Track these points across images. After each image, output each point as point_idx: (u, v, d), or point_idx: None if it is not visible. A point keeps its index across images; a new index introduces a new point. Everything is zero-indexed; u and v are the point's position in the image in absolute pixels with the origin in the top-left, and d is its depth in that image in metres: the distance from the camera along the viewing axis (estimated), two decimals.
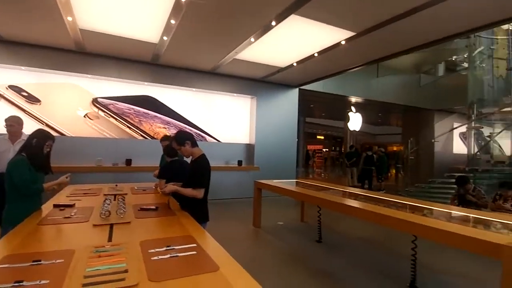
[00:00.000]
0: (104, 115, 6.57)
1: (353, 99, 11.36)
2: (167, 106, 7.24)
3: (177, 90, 7.35)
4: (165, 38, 5.14)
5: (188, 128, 7.45)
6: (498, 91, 7.91)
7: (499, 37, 7.99)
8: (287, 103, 8.60)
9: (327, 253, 3.95)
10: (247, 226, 5.11)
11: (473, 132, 8.18)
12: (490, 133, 7.91)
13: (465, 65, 10.12)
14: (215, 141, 7.82)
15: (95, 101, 6.50)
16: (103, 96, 6.58)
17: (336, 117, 19.13)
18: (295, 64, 6.40)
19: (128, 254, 1.52)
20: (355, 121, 11.37)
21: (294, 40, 5.28)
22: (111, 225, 2.05)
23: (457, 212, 3.11)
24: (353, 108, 11.36)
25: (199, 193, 2.41)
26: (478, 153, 8.06)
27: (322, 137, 30.93)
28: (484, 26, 4.38)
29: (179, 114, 7.39)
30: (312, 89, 9.21)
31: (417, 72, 11.49)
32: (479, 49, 7.95)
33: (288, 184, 5.16)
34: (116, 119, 6.67)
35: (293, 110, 8.70)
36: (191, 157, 2.61)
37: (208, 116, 7.74)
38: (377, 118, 18.52)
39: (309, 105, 14.71)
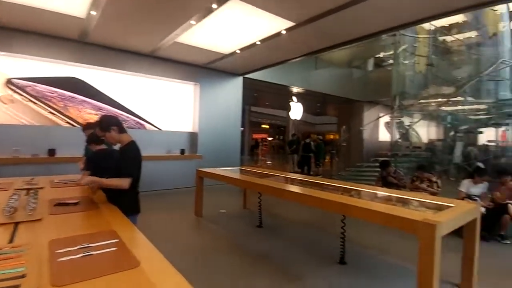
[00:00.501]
0: (20, 99, 5.63)
1: (295, 90, 11.72)
2: (99, 91, 6.51)
3: (111, 73, 6.64)
4: (93, 13, 4.55)
5: (124, 115, 6.84)
6: (418, 85, 8.90)
7: (420, 36, 8.92)
8: (232, 91, 8.46)
9: (266, 237, 4.02)
10: (189, 216, 4.93)
11: (395, 121, 9.10)
12: (410, 122, 8.91)
13: (391, 61, 11.13)
14: (155, 129, 7.33)
15: (9, 83, 5.52)
16: (19, 76, 5.61)
17: (280, 106, 19.58)
18: (238, 52, 6.27)
19: (31, 256, 1.27)
20: (296, 111, 11.77)
21: (236, 27, 5.14)
22: (16, 224, 1.73)
23: (380, 192, 3.38)
24: (294, 98, 11.73)
25: (124, 182, 2.14)
26: (399, 140, 9.01)
27: (267, 126, 31.60)
28: (418, 21, 4.74)
29: (113, 100, 6.71)
30: (256, 78, 9.21)
31: (350, 66, 12.29)
32: (403, 47, 8.79)
33: (231, 172, 5.09)
34: (35, 103, 5.77)
35: (237, 98, 8.61)
36: (119, 145, 2.33)
37: (148, 103, 7.19)
38: (316, 108, 19.50)
39: (253, 94, 14.78)
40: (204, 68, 7.75)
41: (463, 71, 8.05)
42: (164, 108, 7.45)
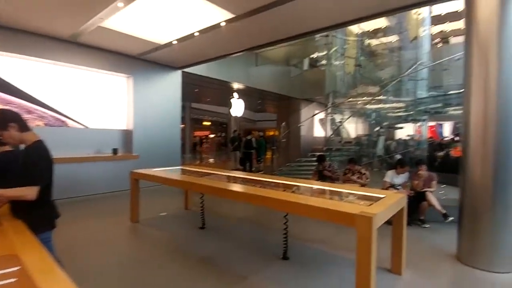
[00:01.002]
0: None
1: (236, 86, 11.63)
2: (6, 81, 5.43)
3: (23, 61, 5.59)
4: None
5: (40, 111, 5.84)
6: (348, 85, 9.62)
7: (350, 38, 9.64)
8: (169, 86, 7.95)
9: (210, 238, 3.84)
10: (123, 222, 4.44)
11: (328, 118, 9.72)
12: (341, 119, 9.60)
13: (324, 62, 11.83)
14: (81, 126, 6.45)
15: None
16: None
17: (221, 103, 19.32)
18: (175, 42, 5.87)
19: None
20: (237, 107, 11.69)
21: (172, 14, 4.76)
22: None
23: (319, 186, 3.47)
24: (235, 95, 11.64)
25: (29, 192, 1.71)
26: (332, 135, 9.64)
27: (209, 123, 31.01)
28: (356, 20, 4.95)
29: (25, 93, 5.68)
30: (196, 73, 8.83)
31: (288, 64, 12.71)
32: (334, 48, 9.39)
33: (170, 172, 4.74)
34: None
35: (176, 94, 8.12)
36: (23, 145, 1.89)
37: (72, 97, 6.28)
38: (257, 105, 19.76)
39: (194, 89, 14.24)
40: (138, 60, 7.10)
41: (386, 72, 8.98)
42: (92, 103, 6.60)
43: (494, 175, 2.97)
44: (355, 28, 9.56)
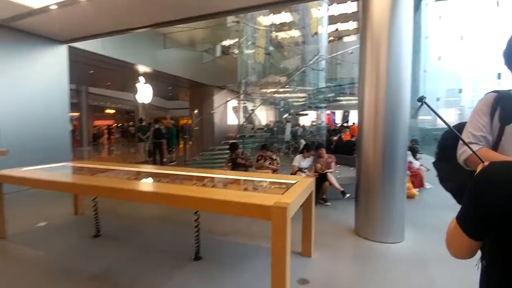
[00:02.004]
0: None
1: (142, 69, 10.36)
2: None
3: None
4: None
5: None
6: (258, 74, 9.69)
7: (259, 27, 9.63)
8: (52, 64, 6.36)
9: (105, 248, 3.17)
10: None
11: (241, 106, 9.66)
12: (253, 106, 9.66)
13: (236, 50, 11.65)
14: None
15: None
16: None
17: (126, 88, 17.11)
18: (54, 7, 4.59)
19: None
20: (144, 93, 10.45)
21: None
22: None
23: (231, 176, 3.23)
24: (141, 79, 10.35)
25: None
26: (245, 123, 9.64)
27: (113, 111, 27.37)
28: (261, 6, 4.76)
29: None
30: (88, 50, 7.37)
31: (199, 50, 12.04)
32: (245, 36, 9.25)
33: (52, 170, 3.72)
34: None
35: (61, 74, 6.57)
36: None
37: None
38: (168, 92, 18.34)
39: (89, 70, 12.07)
40: (4, 27, 5.38)
41: (292, 63, 9.39)
42: None
43: (384, 156, 3.28)
44: (265, 20, 9.63)
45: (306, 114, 9.91)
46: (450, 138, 1.38)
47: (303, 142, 9.10)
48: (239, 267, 2.72)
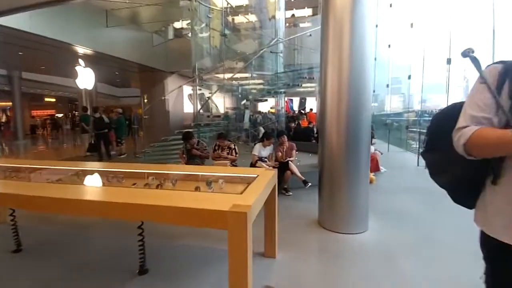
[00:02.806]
0: None
1: (81, 50, 9.02)
2: None
3: None
4: None
5: None
6: (214, 59, 9.01)
7: (215, 8, 8.89)
8: None
9: (27, 266, 2.51)
10: None
11: (197, 92, 8.97)
12: (209, 93, 9.04)
13: (190, 33, 10.75)
14: None
15: None
16: None
17: (66, 73, 15.02)
18: None
19: None
20: (86, 78, 9.15)
21: None
22: None
23: (181, 171, 2.74)
24: (81, 62, 9.02)
25: None
26: (201, 110, 9.01)
27: (54, 100, 24.23)
28: None
29: None
30: (12, 26, 6.09)
31: (149, 31, 10.89)
32: (198, 16, 8.48)
33: None
34: None
35: None
36: None
37: None
38: (116, 78, 16.60)
39: (18, 52, 10.24)
40: None
41: (249, 47, 8.89)
42: None
43: (347, 142, 3.06)
44: (219, 2, 8.93)
45: (265, 100, 9.56)
46: (441, 124, 1.11)
47: (262, 130, 8.81)
48: (193, 276, 2.30)
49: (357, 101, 3.03)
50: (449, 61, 5.95)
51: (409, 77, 8.92)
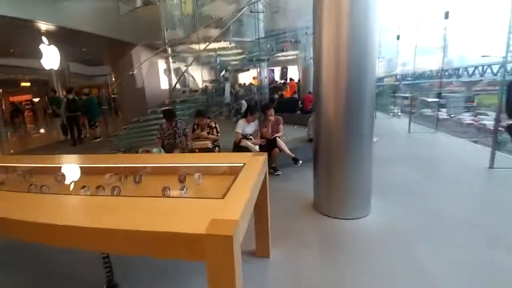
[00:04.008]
0: None
1: (43, 27, 7.76)
2: None
3: None
4: None
5: None
6: (188, 28, 8.00)
7: None
8: None
9: None
10: None
11: (170, 66, 8.07)
12: (184, 66, 8.14)
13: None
14: None
15: None
16: None
17: (34, 54, 13.20)
18: None
19: None
20: (50, 57, 7.96)
21: None
22: None
23: (149, 163, 2.16)
24: (45, 39, 7.79)
25: None
26: (177, 85, 8.16)
27: (29, 84, 21.92)
28: None
29: None
30: None
31: None
32: None
33: None
34: None
35: None
36: None
37: None
38: (85, 55, 14.92)
39: None
40: None
41: (226, 11, 7.89)
42: None
43: (347, 113, 2.56)
44: None
45: (247, 70, 8.76)
46: None
47: (244, 103, 8.15)
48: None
49: (360, 60, 2.47)
50: (446, 15, 5.37)
51: (398, 38, 8.34)
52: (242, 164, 1.77)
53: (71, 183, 1.80)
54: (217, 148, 4.20)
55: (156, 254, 1.03)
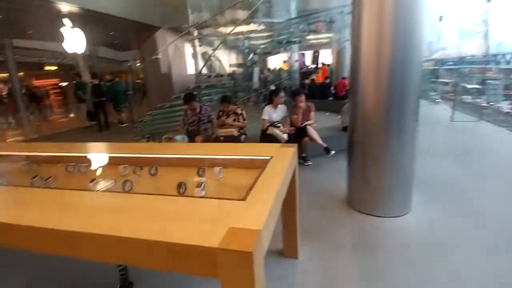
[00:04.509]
0: None
1: (65, 8, 7.96)
2: None
3: None
4: None
5: None
6: (214, 9, 7.77)
7: None
8: None
9: None
10: None
11: (198, 51, 7.97)
12: (211, 50, 8.00)
13: None
14: None
15: None
16: None
17: (54, 36, 13.81)
18: None
19: None
20: (74, 41, 8.20)
21: None
22: None
23: (167, 154, 2.03)
24: (67, 22, 8.01)
25: None
26: (204, 70, 8.06)
27: (55, 68, 23.33)
28: None
29: None
30: None
31: None
32: None
33: None
34: None
35: None
36: None
37: None
38: (113, 40, 15.36)
39: None
40: None
41: None
42: None
43: (390, 99, 2.25)
44: None
45: (277, 53, 8.37)
46: None
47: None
48: None
49: (405, 40, 2.14)
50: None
51: (440, 19, 7.45)
52: (269, 157, 1.57)
53: (83, 173, 1.72)
54: (243, 136, 4.03)
55: (158, 266, 0.89)
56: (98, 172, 1.76)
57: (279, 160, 1.54)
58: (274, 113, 3.98)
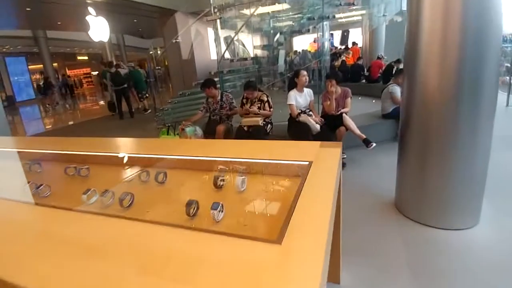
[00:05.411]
0: None
1: None
2: None
3: None
4: None
5: None
6: None
7: None
8: None
9: None
10: None
11: (220, 35, 7.54)
12: (234, 33, 7.54)
13: None
14: None
15: None
16: None
17: (84, 26, 13.95)
18: None
19: None
20: (98, 29, 8.14)
21: None
22: None
23: (183, 156, 1.69)
24: (91, 10, 7.92)
25: None
26: (227, 55, 7.65)
27: (86, 57, 24.10)
28: None
29: None
30: None
31: None
32: None
33: None
34: None
35: None
36: None
37: None
38: (137, 27, 15.29)
39: (26, 7, 9.42)
40: None
41: None
42: None
43: (459, 85, 1.73)
44: None
45: (306, 32, 7.67)
46: None
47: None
48: None
49: (480, 12, 1.59)
50: None
51: None
52: (308, 163, 1.17)
53: (84, 177, 1.44)
54: (269, 126, 3.64)
55: None
56: (97, 178, 1.46)
57: (322, 166, 1.14)
58: (300, 97, 3.51)
